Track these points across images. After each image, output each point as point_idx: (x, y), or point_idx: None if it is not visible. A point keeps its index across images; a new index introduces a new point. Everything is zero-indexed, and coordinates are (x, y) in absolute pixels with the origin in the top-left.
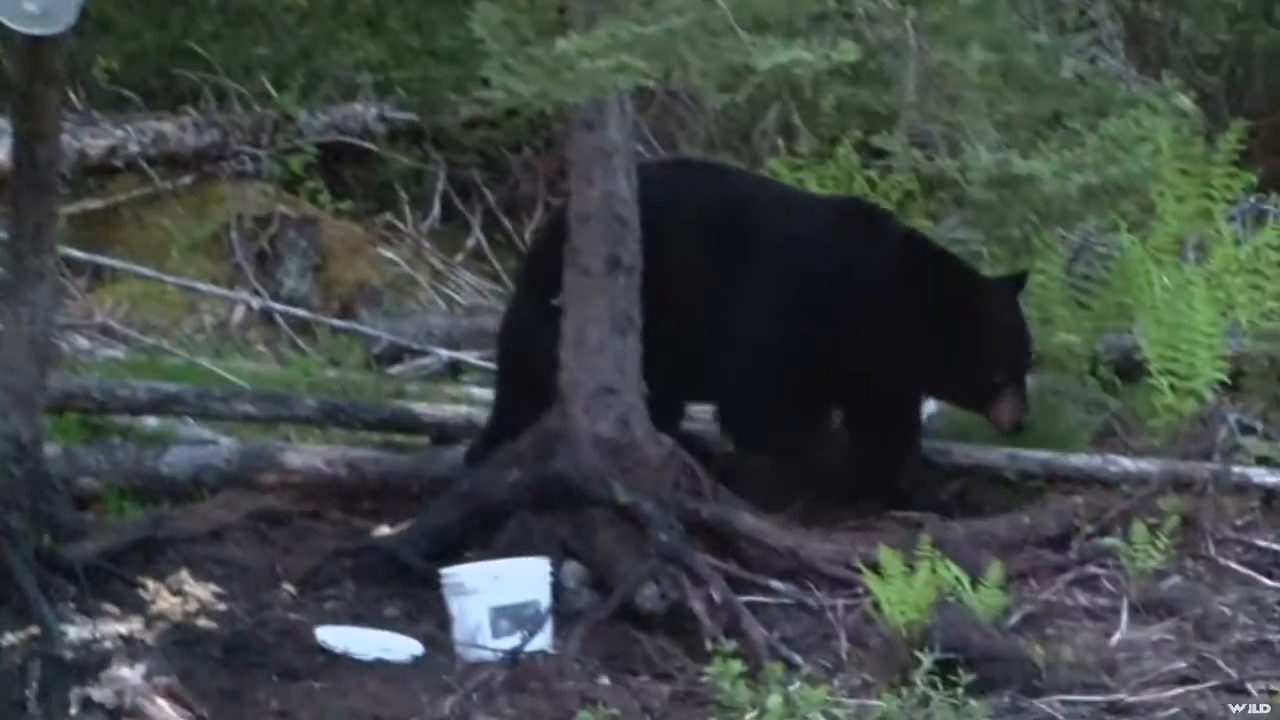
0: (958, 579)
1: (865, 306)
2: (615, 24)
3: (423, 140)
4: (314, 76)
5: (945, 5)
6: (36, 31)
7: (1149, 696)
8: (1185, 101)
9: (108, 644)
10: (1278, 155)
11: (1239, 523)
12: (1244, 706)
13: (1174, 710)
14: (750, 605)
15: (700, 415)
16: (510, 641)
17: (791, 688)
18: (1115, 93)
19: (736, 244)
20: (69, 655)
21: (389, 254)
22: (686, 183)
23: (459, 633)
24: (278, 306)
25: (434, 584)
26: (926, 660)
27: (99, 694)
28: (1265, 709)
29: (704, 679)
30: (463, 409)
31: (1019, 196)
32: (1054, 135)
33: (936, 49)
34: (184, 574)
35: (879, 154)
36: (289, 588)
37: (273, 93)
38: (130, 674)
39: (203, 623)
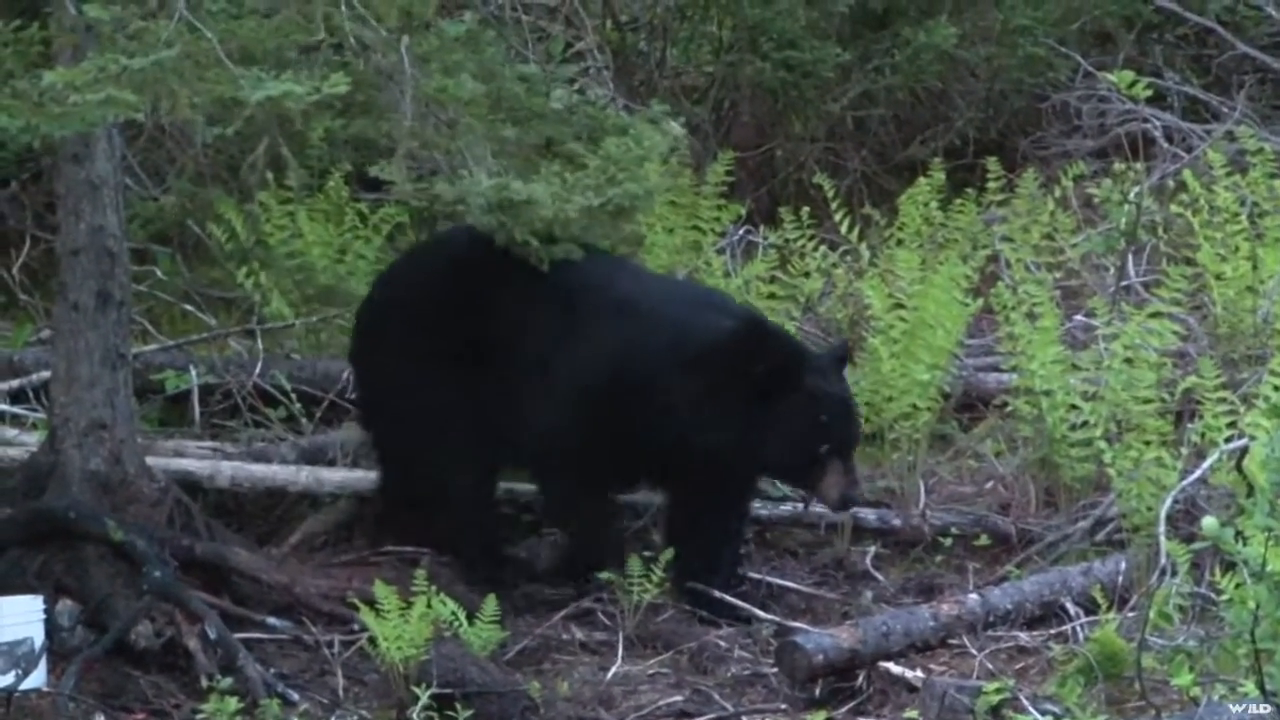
0: (454, 614)
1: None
2: (102, 57)
3: None
4: None
5: (434, 35)
6: None
7: None
8: (676, 126)
9: None
10: (765, 186)
11: None
12: None
13: None
14: (246, 641)
15: None
16: (4, 680)
17: None
18: (606, 119)
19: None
20: None
21: None
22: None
23: None
24: None
25: None
26: (423, 695)
27: None
28: None
29: (200, 716)
30: None
31: (519, 220)
32: (555, 159)
33: (431, 77)
34: None
35: (370, 186)
36: None
37: None
38: None
39: None
